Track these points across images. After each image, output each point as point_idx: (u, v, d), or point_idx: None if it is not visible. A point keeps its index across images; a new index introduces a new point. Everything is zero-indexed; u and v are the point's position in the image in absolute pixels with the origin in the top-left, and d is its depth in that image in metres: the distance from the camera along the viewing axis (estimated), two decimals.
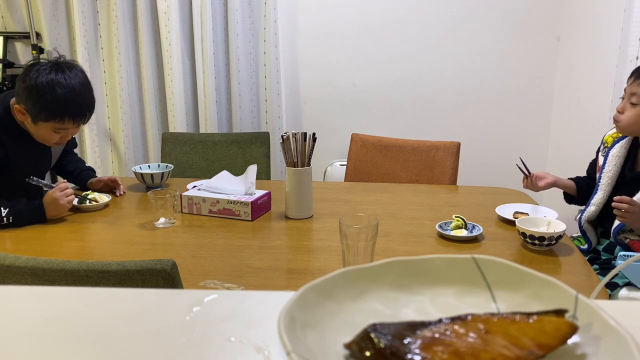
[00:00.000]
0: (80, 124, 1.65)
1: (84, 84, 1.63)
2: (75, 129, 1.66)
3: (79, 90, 1.59)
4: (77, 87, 1.59)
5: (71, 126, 1.62)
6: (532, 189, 1.78)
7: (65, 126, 1.61)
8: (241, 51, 2.82)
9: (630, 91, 1.57)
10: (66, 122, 1.60)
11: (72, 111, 1.59)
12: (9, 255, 1.03)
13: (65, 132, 1.65)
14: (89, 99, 1.64)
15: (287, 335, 0.43)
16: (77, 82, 1.60)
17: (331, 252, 1.38)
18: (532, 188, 1.78)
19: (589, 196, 1.78)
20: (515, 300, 0.52)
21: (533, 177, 1.75)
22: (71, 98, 1.57)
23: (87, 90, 1.64)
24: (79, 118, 1.61)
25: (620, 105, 1.61)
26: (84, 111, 1.62)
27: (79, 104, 1.60)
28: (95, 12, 2.83)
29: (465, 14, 2.80)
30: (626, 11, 2.08)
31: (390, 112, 2.96)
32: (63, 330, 0.54)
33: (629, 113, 1.57)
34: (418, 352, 0.43)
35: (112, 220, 1.64)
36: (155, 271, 0.98)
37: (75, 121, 1.61)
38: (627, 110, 1.57)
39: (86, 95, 1.63)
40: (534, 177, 1.75)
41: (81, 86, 1.61)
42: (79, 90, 1.59)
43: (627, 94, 1.58)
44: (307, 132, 1.61)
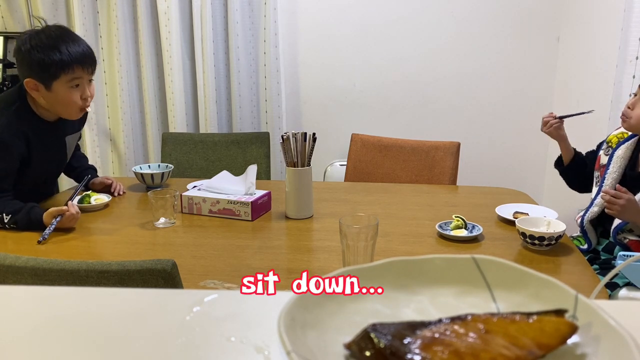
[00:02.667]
0: (90, 72, 1.63)
1: (64, 27, 1.63)
2: (88, 80, 1.63)
3: (73, 36, 1.60)
4: (71, 35, 1.60)
5: (82, 73, 1.60)
6: (545, 127, 1.77)
7: (77, 74, 1.59)
8: (241, 51, 2.82)
9: None
10: (76, 70, 1.58)
11: (76, 55, 1.57)
12: (9, 255, 1.03)
13: (82, 86, 1.62)
14: (78, 37, 1.63)
15: (287, 335, 0.43)
16: (67, 31, 1.61)
17: (331, 252, 1.38)
18: (546, 126, 1.77)
19: (575, 171, 1.79)
20: (515, 300, 0.52)
21: (560, 123, 1.75)
22: (70, 42, 1.57)
23: (72, 31, 1.64)
24: (87, 61, 1.60)
25: (631, 101, 1.59)
26: (88, 54, 1.61)
27: (80, 47, 1.59)
28: (96, 12, 2.83)
29: (465, 15, 2.80)
30: (626, 11, 2.08)
31: (390, 112, 2.96)
32: (63, 330, 0.54)
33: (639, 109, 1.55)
34: (418, 352, 0.43)
35: (112, 220, 1.64)
36: (155, 271, 0.98)
37: (84, 66, 1.59)
38: (637, 106, 1.56)
39: (72, 35, 1.62)
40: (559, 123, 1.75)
41: (73, 35, 1.62)
42: (73, 36, 1.60)
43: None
44: (307, 132, 1.61)
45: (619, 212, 1.47)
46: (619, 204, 1.45)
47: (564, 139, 1.78)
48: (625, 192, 1.46)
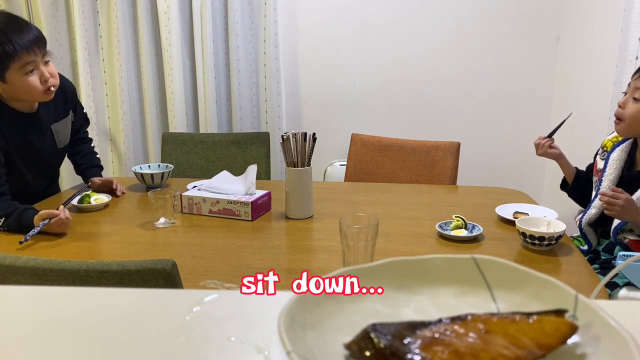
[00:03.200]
0: (41, 54, 1.57)
1: (6, 12, 1.58)
2: (43, 62, 1.58)
3: (16, 23, 1.54)
4: (13, 22, 1.54)
5: (32, 57, 1.54)
6: (539, 150, 1.79)
7: (26, 60, 1.54)
8: (241, 51, 2.82)
9: (634, 85, 1.54)
10: (23, 56, 1.53)
11: (20, 42, 1.51)
12: (9, 255, 1.03)
13: (37, 69, 1.57)
14: (20, 20, 1.56)
15: (287, 335, 0.43)
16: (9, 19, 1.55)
17: (331, 252, 1.38)
18: (539, 149, 1.79)
19: (581, 190, 1.79)
20: (515, 300, 0.52)
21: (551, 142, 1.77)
22: (11, 31, 1.51)
23: (13, 15, 1.58)
24: (33, 45, 1.54)
25: (622, 100, 1.57)
26: (33, 38, 1.54)
27: (23, 33, 1.53)
28: (95, 12, 2.83)
29: (465, 14, 2.80)
30: (626, 11, 2.08)
31: (390, 112, 2.96)
32: (63, 330, 0.54)
33: (632, 108, 1.54)
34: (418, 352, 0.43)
35: (112, 220, 1.64)
36: (155, 271, 0.98)
37: (30, 51, 1.53)
38: (629, 106, 1.55)
39: (14, 19, 1.55)
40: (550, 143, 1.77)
41: (16, 21, 1.55)
42: (16, 22, 1.54)
43: (631, 89, 1.55)
44: (307, 132, 1.61)
45: (618, 213, 1.48)
46: (618, 205, 1.46)
47: (561, 156, 1.79)
48: (621, 192, 1.46)
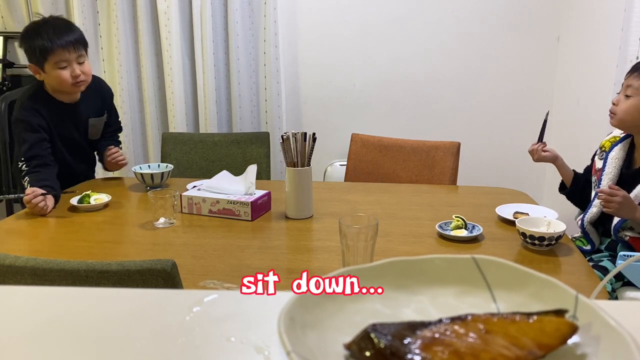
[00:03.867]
0: (75, 53, 1.80)
1: (58, 17, 1.86)
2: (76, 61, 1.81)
3: (54, 19, 1.82)
4: (52, 18, 1.82)
5: (65, 53, 1.78)
6: (535, 155, 1.80)
7: (59, 56, 1.77)
8: (241, 51, 2.82)
9: (626, 84, 1.61)
10: (57, 51, 1.76)
11: (58, 40, 1.76)
12: (9, 255, 1.03)
13: (70, 66, 1.80)
14: (66, 24, 1.84)
15: (287, 335, 0.43)
16: (56, 20, 1.83)
17: (331, 252, 1.38)
18: (534, 155, 1.80)
19: (580, 192, 1.80)
20: (515, 300, 0.52)
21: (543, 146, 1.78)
22: (54, 29, 1.77)
23: (63, 19, 1.86)
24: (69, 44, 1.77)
25: (616, 98, 1.64)
26: (71, 39, 1.79)
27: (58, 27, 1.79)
28: (95, 12, 2.83)
29: (465, 14, 2.80)
30: (626, 11, 2.08)
31: (390, 112, 2.96)
32: (63, 330, 0.54)
33: (624, 105, 1.60)
34: (418, 352, 0.43)
35: (112, 220, 1.64)
36: (155, 271, 0.98)
37: (65, 49, 1.77)
38: (621, 103, 1.61)
39: (61, 22, 1.82)
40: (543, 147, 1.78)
41: (55, 18, 1.84)
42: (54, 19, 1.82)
43: (624, 87, 1.62)
44: (307, 132, 1.61)
45: (616, 210, 1.50)
46: (615, 202, 1.48)
47: (557, 158, 1.80)
48: (618, 190, 1.48)
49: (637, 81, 1.57)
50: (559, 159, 1.80)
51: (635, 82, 1.58)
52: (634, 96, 1.58)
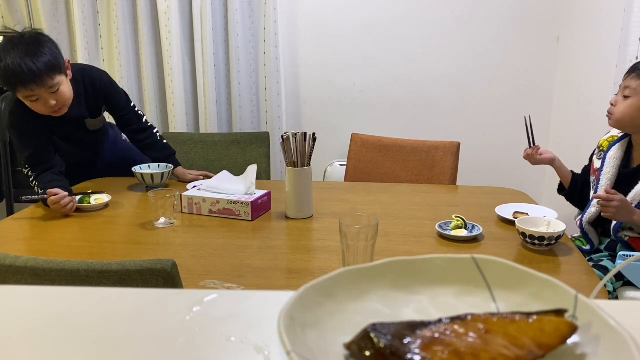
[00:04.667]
0: (41, 85, 1.63)
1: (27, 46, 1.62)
2: (45, 91, 1.65)
3: (17, 55, 1.59)
4: (14, 52, 1.59)
5: (28, 92, 1.63)
6: (531, 160, 1.80)
7: (25, 93, 1.64)
8: (241, 51, 2.82)
9: (624, 85, 1.62)
10: (21, 90, 1.63)
11: (19, 71, 1.59)
12: (9, 255, 1.03)
13: (42, 99, 1.67)
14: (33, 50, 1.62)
15: (287, 335, 0.43)
16: (15, 45, 1.61)
17: (331, 252, 1.38)
18: (531, 159, 1.80)
19: (579, 192, 1.81)
20: (515, 300, 0.52)
21: (537, 149, 1.79)
22: (10, 67, 1.58)
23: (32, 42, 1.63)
24: (28, 83, 1.61)
25: (614, 99, 1.65)
26: (31, 61, 1.59)
27: (19, 68, 1.59)
28: (96, 12, 2.83)
29: (465, 14, 2.80)
30: (626, 11, 2.08)
31: (390, 112, 2.96)
32: (63, 330, 0.54)
33: (621, 106, 1.61)
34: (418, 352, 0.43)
35: (112, 220, 1.64)
36: (155, 271, 0.98)
37: (25, 86, 1.61)
38: (619, 103, 1.62)
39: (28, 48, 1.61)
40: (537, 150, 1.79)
41: (16, 49, 1.60)
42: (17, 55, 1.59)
43: (622, 88, 1.63)
44: (307, 132, 1.61)
45: (613, 214, 1.51)
46: (612, 206, 1.48)
47: (554, 159, 1.80)
48: (615, 194, 1.48)
49: (635, 82, 1.58)
50: (556, 160, 1.80)
51: (633, 82, 1.59)
52: (632, 97, 1.59)
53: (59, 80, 1.68)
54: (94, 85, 1.91)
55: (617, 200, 1.48)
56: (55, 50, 1.69)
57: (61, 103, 1.71)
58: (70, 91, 1.74)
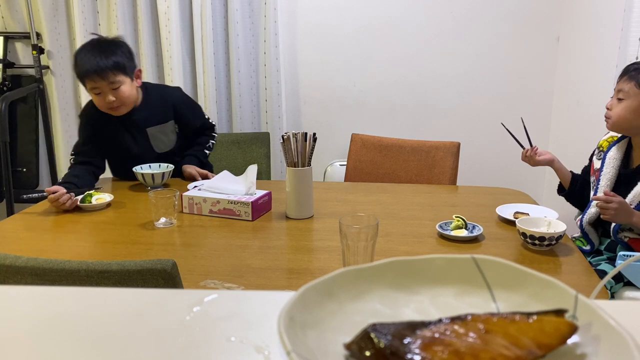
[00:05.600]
0: (104, 78, 1.80)
1: (100, 39, 1.88)
2: (106, 85, 1.81)
3: (95, 43, 1.84)
4: (94, 42, 1.85)
5: (92, 83, 1.81)
6: (530, 162, 1.81)
7: (90, 84, 1.82)
8: (241, 51, 2.82)
9: (617, 88, 1.63)
10: (87, 80, 1.81)
11: (87, 63, 1.79)
12: (9, 255, 1.03)
13: (103, 93, 1.83)
14: (106, 47, 1.83)
15: (287, 335, 0.43)
16: (97, 43, 1.85)
17: (331, 252, 1.38)
18: (530, 161, 1.81)
19: (579, 193, 1.81)
20: (515, 300, 0.52)
21: (535, 150, 1.79)
22: (87, 51, 1.82)
23: (105, 42, 1.87)
24: (96, 70, 1.78)
25: (609, 102, 1.66)
26: (100, 58, 1.79)
27: (94, 52, 1.80)
28: (96, 12, 2.83)
29: (465, 14, 2.80)
30: (626, 11, 2.08)
31: (390, 112, 2.96)
32: (63, 330, 0.54)
33: (617, 109, 1.62)
34: (418, 352, 0.43)
35: (112, 220, 1.64)
36: (155, 271, 0.98)
37: (91, 76, 1.79)
38: (614, 107, 1.63)
39: (101, 45, 1.84)
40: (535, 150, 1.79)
41: (97, 41, 1.86)
42: (95, 42, 1.85)
43: (616, 91, 1.64)
44: (307, 132, 1.61)
45: (612, 216, 1.50)
46: (611, 208, 1.48)
47: (552, 160, 1.81)
48: (614, 196, 1.49)
49: (627, 85, 1.59)
50: (555, 161, 1.81)
51: (625, 85, 1.60)
52: (625, 99, 1.60)
53: (122, 79, 1.84)
54: (163, 100, 2.03)
55: (616, 202, 1.48)
56: (127, 55, 1.88)
57: (119, 101, 1.85)
58: (132, 94, 1.89)
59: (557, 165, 1.81)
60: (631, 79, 1.58)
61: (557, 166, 1.81)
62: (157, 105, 2.00)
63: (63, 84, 2.97)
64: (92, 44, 1.84)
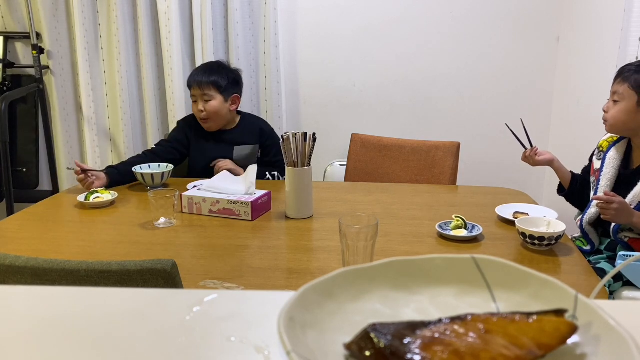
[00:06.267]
0: (201, 88, 2.06)
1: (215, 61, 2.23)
2: (200, 95, 2.06)
3: (212, 65, 2.16)
4: (211, 65, 2.17)
5: (195, 92, 2.08)
6: (530, 162, 1.81)
7: (191, 91, 2.11)
8: (241, 51, 2.82)
9: (612, 90, 1.64)
10: (190, 87, 2.11)
11: (194, 77, 2.09)
12: (9, 255, 1.03)
13: (198, 101, 2.08)
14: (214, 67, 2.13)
15: (287, 335, 0.43)
16: (212, 63, 2.20)
17: (331, 252, 1.38)
18: (530, 161, 1.81)
19: (578, 193, 1.81)
20: (515, 300, 0.52)
21: (535, 150, 1.80)
22: (202, 69, 2.13)
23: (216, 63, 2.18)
24: (200, 84, 2.06)
25: (606, 105, 1.67)
26: (205, 73, 2.08)
27: (204, 68, 2.13)
28: (96, 12, 2.83)
29: (465, 14, 2.80)
30: (626, 11, 2.08)
31: (390, 112, 2.96)
32: (63, 330, 0.54)
33: (613, 111, 1.63)
34: (418, 352, 0.43)
35: (112, 220, 1.64)
36: (155, 271, 0.98)
37: (191, 84, 2.09)
38: (610, 109, 1.64)
39: (212, 65, 2.16)
40: (535, 151, 1.79)
41: (212, 62, 2.21)
42: (212, 65, 2.16)
43: (611, 94, 1.65)
44: (307, 132, 1.61)
45: (613, 217, 1.51)
46: (612, 208, 1.48)
47: (552, 160, 1.81)
48: (614, 196, 1.49)
49: (621, 86, 1.60)
50: (555, 161, 1.81)
51: (619, 87, 1.60)
52: (620, 101, 1.61)
53: (215, 95, 2.07)
54: (257, 130, 2.20)
55: (617, 203, 1.48)
56: (229, 79, 2.11)
57: (208, 114, 2.07)
58: (221, 111, 2.09)
59: (556, 165, 1.81)
60: (625, 81, 1.59)
61: (557, 166, 1.82)
62: (249, 130, 2.19)
63: (63, 84, 2.96)
64: (208, 64, 2.18)
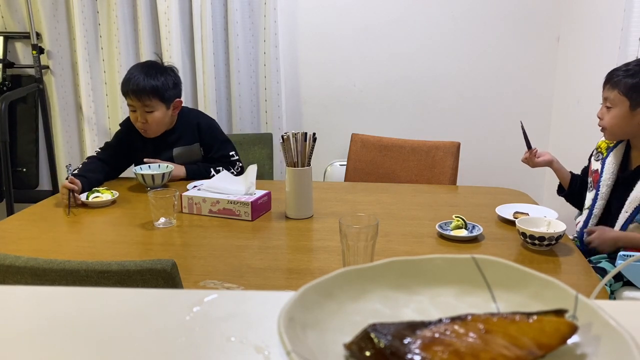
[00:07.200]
0: (142, 103, 1.89)
1: (150, 63, 1.99)
2: (143, 110, 1.90)
3: (148, 71, 1.91)
4: (147, 69, 1.91)
5: (133, 102, 1.90)
6: (530, 163, 1.82)
7: (127, 101, 1.92)
8: (241, 51, 2.82)
9: (604, 96, 1.65)
10: (125, 97, 1.92)
11: (131, 86, 1.88)
12: (9, 255, 1.03)
13: (137, 112, 1.92)
14: (150, 71, 1.91)
15: (287, 335, 0.43)
16: (148, 65, 1.95)
17: (331, 252, 1.38)
18: (529, 162, 1.82)
19: (578, 193, 1.82)
20: (515, 300, 0.52)
21: (534, 151, 1.80)
22: (138, 74, 1.89)
23: (153, 66, 1.95)
24: (138, 93, 1.87)
25: (600, 111, 1.68)
26: (142, 88, 1.87)
27: (141, 80, 1.88)
28: (95, 12, 2.83)
29: (465, 14, 2.80)
30: (626, 11, 2.08)
31: (390, 112, 2.96)
32: (63, 330, 0.54)
33: (608, 118, 1.64)
34: (418, 352, 0.43)
35: (112, 220, 1.64)
36: (155, 271, 0.98)
37: (132, 97, 1.89)
38: (605, 115, 1.65)
39: (148, 68, 1.92)
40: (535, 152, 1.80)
41: (142, 67, 1.93)
42: (149, 70, 1.91)
43: (603, 100, 1.67)
44: (307, 132, 1.61)
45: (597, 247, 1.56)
46: (593, 245, 1.55)
47: (552, 161, 1.82)
48: (592, 232, 1.56)
49: (611, 93, 1.61)
50: (554, 162, 1.81)
51: (610, 94, 1.61)
52: (613, 107, 1.62)
53: (156, 105, 1.91)
54: (196, 126, 2.08)
55: (595, 239, 1.54)
56: (170, 83, 1.94)
57: (149, 125, 1.93)
58: (162, 121, 1.96)
59: (556, 165, 1.82)
60: (614, 86, 1.60)
61: (557, 167, 1.82)
62: (187, 128, 2.06)
63: (63, 84, 2.97)
64: (144, 64, 1.96)
